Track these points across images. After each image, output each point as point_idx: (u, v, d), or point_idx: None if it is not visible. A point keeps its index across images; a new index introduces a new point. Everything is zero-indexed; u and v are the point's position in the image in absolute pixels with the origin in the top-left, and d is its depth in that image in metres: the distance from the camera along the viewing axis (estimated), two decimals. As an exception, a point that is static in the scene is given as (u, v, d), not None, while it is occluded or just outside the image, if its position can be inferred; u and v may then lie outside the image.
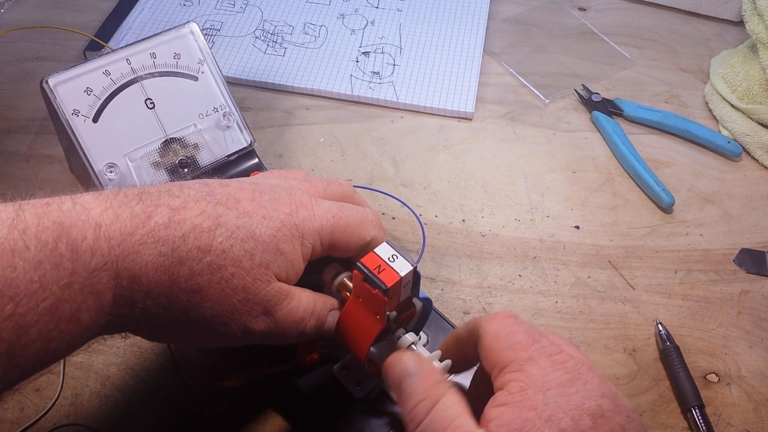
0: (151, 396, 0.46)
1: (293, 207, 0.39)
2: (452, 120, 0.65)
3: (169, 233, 0.35)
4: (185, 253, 0.35)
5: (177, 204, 0.36)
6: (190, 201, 0.36)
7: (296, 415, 0.46)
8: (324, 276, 0.44)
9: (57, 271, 0.31)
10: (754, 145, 0.63)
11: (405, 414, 0.35)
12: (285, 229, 0.38)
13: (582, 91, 0.68)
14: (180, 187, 0.37)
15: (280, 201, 0.39)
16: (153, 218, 0.35)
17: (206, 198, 0.37)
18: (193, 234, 0.35)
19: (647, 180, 0.59)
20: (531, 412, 0.32)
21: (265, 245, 0.37)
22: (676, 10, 0.77)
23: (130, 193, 0.35)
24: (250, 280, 0.36)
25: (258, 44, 0.70)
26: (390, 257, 0.37)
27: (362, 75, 0.68)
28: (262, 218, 0.38)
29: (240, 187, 0.39)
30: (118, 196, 0.35)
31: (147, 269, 0.34)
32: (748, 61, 0.65)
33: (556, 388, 0.32)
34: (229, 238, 0.36)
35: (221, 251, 0.36)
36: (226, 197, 0.37)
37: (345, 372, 0.44)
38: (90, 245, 0.32)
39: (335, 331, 0.41)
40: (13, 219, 0.31)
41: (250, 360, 0.47)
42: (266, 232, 0.37)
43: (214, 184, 0.39)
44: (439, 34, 0.72)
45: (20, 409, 0.45)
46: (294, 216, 0.39)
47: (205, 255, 0.35)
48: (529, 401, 0.32)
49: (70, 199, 0.33)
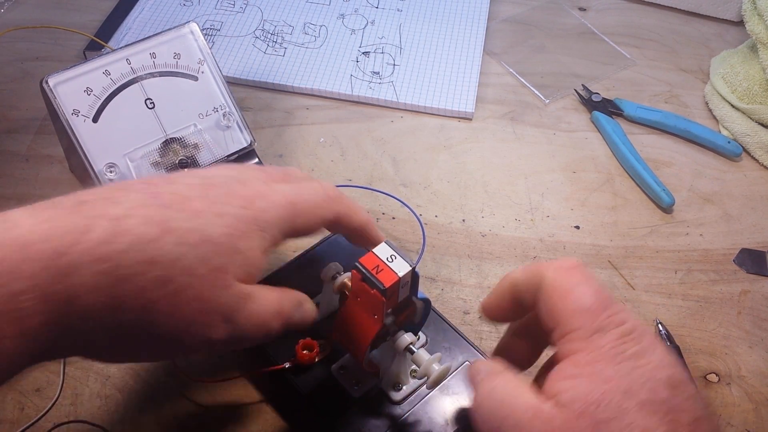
0: (151, 396, 0.46)
1: (248, 198, 0.36)
2: (452, 120, 0.65)
3: (110, 249, 0.31)
4: (129, 269, 0.31)
5: (118, 213, 0.32)
6: (133, 207, 0.33)
7: (294, 414, 0.46)
8: (322, 276, 0.44)
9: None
10: (754, 145, 0.63)
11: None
12: (241, 224, 0.35)
13: (582, 91, 0.68)
14: (123, 189, 0.34)
15: (233, 194, 0.36)
16: (90, 232, 0.31)
17: (151, 201, 0.33)
18: (138, 246, 0.32)
19: (647, 180, 0.59)
20: (606, 384, 0.31)
21: (221, 246, 0.34)
22: (676, 10, 0.77)
23: (66, 203, 0.32)
24: (206, 288, 0.33)
25: (258, 44, 0.70)
26: (389, 257, 0.37)
27: (362, 75, 0.68)
28: (215, 216, 0.34)
29: (189, 184, 0.35)
30: (52, 209, 0.31)
31: (84, 291, 0.31)
32: (748, 61, 0.65)
33: (628, 361, 0.31)
34: (180, 245, 0.33)
35: (170, 261, 0.32)
36: (172, 197, 0.34)
37: (343, 371, 0.45)
38: (12, 267, 0.29)
39: (334, 330, 0.41)
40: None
41: (248, 359, 0.47)
42: (221, 231, 0.34)
43: (159, 182, 0.35)
44: (439, 34, 0.72)
45: (20, 409, 0.45)
46: (250, 208, 0.36)
47: (152, 268, 0.32)
48: (603, 374, 0.31)
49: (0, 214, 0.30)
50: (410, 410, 0.44)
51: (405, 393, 0.44)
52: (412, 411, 0.44)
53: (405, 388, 0.44)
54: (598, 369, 0.31)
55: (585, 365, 0.31)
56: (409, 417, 0.43)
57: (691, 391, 0.32)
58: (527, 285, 0.36)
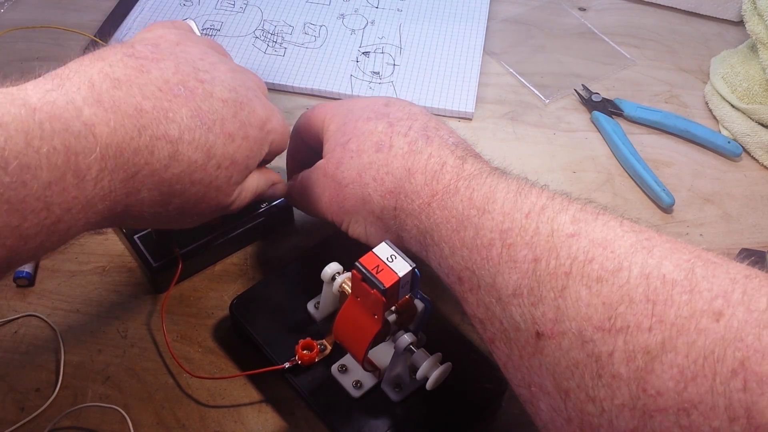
0: (151, 396, 0.46)
1: (263, 120, 0.44)
2: (452, 120, 0.65)
3: (169, 173, 0.38)
4: (180, 188, 0.39)
5: (175, 135, 0.38)
6: (185, 130, 0.39)
7: (294, 414, 0.46)
8: (322, 276, 0.44)
9: (62, 195, 0.33)
10: (754, 145, 0.63)
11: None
12: (256, 146, 0.43)
13: (582, 91, 0.68)
14: (170, 98, 0.39)
15: (255, 112, 0.43)
16: (154, 155, 0.37)
17: (198, 124, 0.39)
18: (189, 171, 0.39)
19: (647, 180, 0.59)
20: (343, 117, 0.47)
21: (240, 167, 0.42)
22: (676, 10, 0.77)
23: (130, 111, 0.37)
24: (223, 197, 0.43)
25: (258, 44, 0.70)
26: (389, 257, 0.37)
27: (362, 75, 0.68)
28: (242, 139, 0.42)
29: (223, 100, 0.41)
30: (122, 116, 0.36)
31: (143, 204, 0.38)
32: (748, 61, 0.65)
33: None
34: (218, 169, 0.41)
35: (209, 182, 0.41)
36: (213, 119, 0.40)
37: (343, 372, 0.45)
38: (94, 177, 0.34)
39: (334, 330, 0.41)
40: (27, 130, 0.32)
41: (248, 359, 0.47)
42: (244, 154, 0.42)
43: (198, 92, 0.40)
44: (439, 34, 0.72)
45: (20, 409, 0.45)
46: (263, 130, 0.44)
47: (196, 186, 0.40)
48: (343, 118, 0.47)
49: (77, 114, 0.34)
50: (410, 410, 0.44)
51: (405, 393, 0.44)
52: (412, 411, 0.44)
53: (405, 388, 0.44)
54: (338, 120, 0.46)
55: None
56: (409, 417, 0.43)
57: (402, 105, 0.46)
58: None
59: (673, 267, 0.31)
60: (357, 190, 0.43)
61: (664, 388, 0.28)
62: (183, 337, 0.48)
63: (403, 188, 0.41)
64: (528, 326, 0.33)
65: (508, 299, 0.34)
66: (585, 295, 0.31)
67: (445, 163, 0.41)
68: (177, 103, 0.39)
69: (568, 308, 0.32)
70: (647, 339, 0.29)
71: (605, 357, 0.30)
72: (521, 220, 0.35)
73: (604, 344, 0.30)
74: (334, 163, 0.45)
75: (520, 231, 0.35)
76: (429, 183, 0.40)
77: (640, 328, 0.29)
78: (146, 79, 0.38)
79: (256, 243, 0.54)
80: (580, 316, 0.31)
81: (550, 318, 0.32)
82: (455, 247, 0.38)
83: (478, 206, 0.37)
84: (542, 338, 0.32)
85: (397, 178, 0.42)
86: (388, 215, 0.42)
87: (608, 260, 0.32)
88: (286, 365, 0.44)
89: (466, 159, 0.41)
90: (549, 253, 0.33)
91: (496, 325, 0.36)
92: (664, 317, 0.29)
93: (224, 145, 0.41)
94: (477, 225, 0.37)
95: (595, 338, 0.30)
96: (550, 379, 0.32)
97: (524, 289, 0.34)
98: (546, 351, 0.32)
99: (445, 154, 0.41)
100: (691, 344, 0.28)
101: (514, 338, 0.34)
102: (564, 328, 0.32)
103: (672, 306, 0.29)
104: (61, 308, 0.50)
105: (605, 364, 0.30)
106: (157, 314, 0.50)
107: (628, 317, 0.30)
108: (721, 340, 0.28)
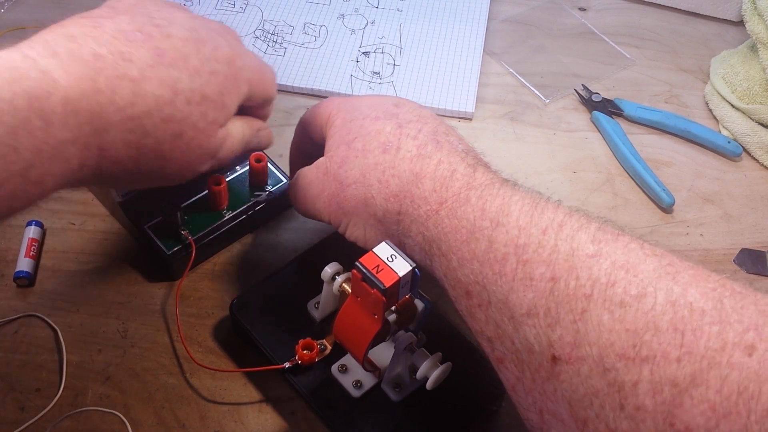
0: (151, 396, 0.46)
1: (230, 57, 0.42)
2: (452, 120, 0.65)
3: (136, 111, 0.37)
4: (151, 126, 0.38)
5: (135, 74, 0.37)
6: (145, 68, 0.38)
7: (294, 414, 0.46)
8: (322, 276, 0.44)
9: (30, 138, 0.33)
10: (754, 145, 0.63)
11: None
12: (228, 82, 0.42)
13: (582, 91, 0.68)
14: (126, 42, 0.38)
15: (220, 48, 0.42)
16: (117, 93, 0.37)
17: (158, 60, 0.38)
18: (156, 107, 0.38)
19: (647, 180, 0.59)
20: (351, 114, 0.46)
21: (215, 104, 0.41)
22: (676, 10, 0.77)
23: (85, 52, 0.36)
24: (204, 137, 0.41)
25: (258, 44, 0.70)
26: (389, 257, 0.37)
27: (362, 75, 0.68)
28: (210, 74, 0.41)
29: (183, 38, 0.40)
30: (78, 62, 0.36)
31: (115, 145, 0.37)
32: (748, 61, 0.65)
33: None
34: (188, 104, 0.39)
35: (181, 119, 0.39)
36: (175, 56, 0.39)
37: (343, 372, 0.45)
38: (60, 119, 0.34)
39: (334, 330, 0.41)
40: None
41: (249, 359, 0.47)
42: (215, 89, 0.41)
43: (156, 35, 0.39)
44: (439, 34, 0.72)
45: (20, 409, 0.45)
46: (232, 65, 0.42)
47: (168, 124, 0.39)
48: (349, 114, 0.46)
49: (34, 65, 0.34)
50: (410, 410, 0.44)
51: (405, 393, 0.44)
52: (412, 411, 0.44)
53: (405, 388, 0.44)
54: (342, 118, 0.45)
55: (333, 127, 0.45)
56: (409, 417, 0.43)
57: (412, 107, 0.45)
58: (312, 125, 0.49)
59: (700, 296, 0.30)
60: (359, 190, 0.42)
61: (694, 424, 0.27)
62: (183, 337, 0.48)
63: (409, 192, 0.40)
64: (543, 349, 0.32)
65: (521, 318, 0.33)
66: (607, 320, 0.30)
67: (455, 171, 0.39)
68: (133, 46, 0.38)
69: (588, 332, 0.30)
70: (676, 370, 0.28)
71: (629, 387, 0.29)
72: (538, 236, 0.34)
73: (627, 373, 0.29)
74: (337, 161, 0.43)
75: (537, 247, 0.34)
76: (438, 189, 0.39)
77: (668, 359, 0.28)
78: (100, 31, 0.38)
79: (257, 243, 0.54)
80: (602, 341, 0.30)
81: (568, 342, 0.31)
82: (465, 259, 0.36)
83: (491, 218, 0.36)
84: (559, 363, 0.31)
85: (404, 181, 0.40)
86: (391, 219, 0.41)
87: (631, 284, 0.31)
88: (286, 365, 0.44)
89: (477, 168, 0.40)
90: (568, 273, 0.32)
91: (506, 344, 0.34)
92: (693, 348, 0.28)
93: (191, 80, 0.40)
94: (490, 238, 0.35)
95: (618, 366, 0.29)
96: (565, 407, 0.31)
97: (540, 309, 0.32)
98: (562, 376, 0.31)
99: (455, 161, 0.40)
100: (723, 379, 0.27)
101: (527, 360, 0.33)
102: (583, 354, 0.30)
103: (702, 337, 0.28)
104: (61, 308, 0.50)
105: (629, 394, 0.29)
106: (157, 314, 0.50)
107: (654, 346, 0.29)
108: (755, 375, 0.27)
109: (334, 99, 0.48)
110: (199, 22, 0.43)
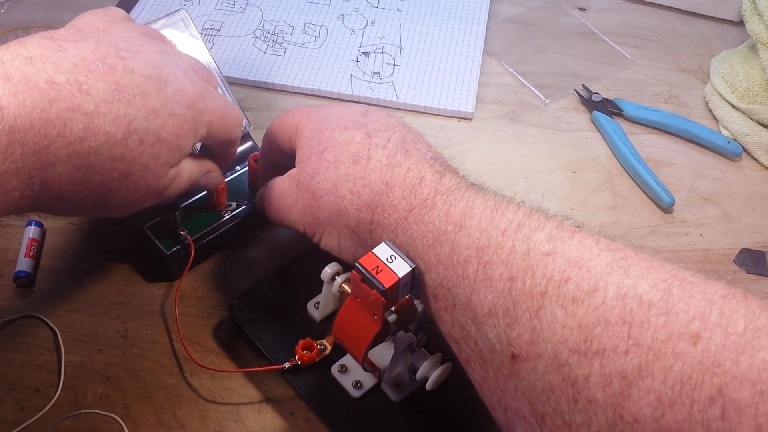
0: (151, 396, 0.46)
1: (193, 98, 0.42)
2: (452, 120, 0.65)
3: (85, 146, 0.37)
4: (99, 164, 0.38)
5: (90, 108, 0.37)
6: (101, 103, 0.37)
7: (294, 414, 0.46)
8: (322, 276, 0.44)
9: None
10: (754, 145, 0.63)
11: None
12: (186, 125, 0.41)
13: (582, 91, 0.68)
14: (86, 72, 0.37)
15: (183, 91, 0.41)
16: (68, 127, 0.36)
17: (117, 97, 0.38)
18: (107, 145, 0.37)
19: (647, 180, 0.59)
20: (318, 125, 0.46)
21: (169, 146, 0.41)
22: (676, 10, 0.77)
23: (39, 79, 0.35)
24: (153, 178, 0.41)
25: (258, 44, 0.70)
26: (389, 258, 0.37)
27: (362, 75, 0.68)
28: (168, 116, 0.40)
29: (146, 76, 0.40)
30: (32, 90, 0.35)
31: (60, 179, 0.37)
32: (748, 61, 0.65)
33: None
34: (140, 145, 0.39)
35: (132, 159, 0.39)
36: (134, 93, 0.39)
37: (343, 372, 0.45)
38: (4, 149, 0.34)
39: (334, 330, 0.41)
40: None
41: (249, 359, 0.47)
42: (171, 132, 0.40)
43: (118, 68, 0.39)
44: (439, 34, 0.72)
45: (20, 409, 0.45)
46: (193, 108, 0.42)
47: (117, 163, 0.38)
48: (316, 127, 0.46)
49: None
50: (410, 410, 0.44)
51: (405, 393, 0.44)
52: (412, 411, 0.44)
53: (405, 388, 0.44)
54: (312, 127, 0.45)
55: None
56: (409, 417, 0.43)
57: (380, 115, 0.44)
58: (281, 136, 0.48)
59: (650, 287, 0.30)
60: (332, 202, 0.42)
61: (641, 415, 0.28)
62: (183, 337, 0.48)
63: (380, 202, 0.40)
64: (503, 348, 0.33)
65: (483, 319, 0.34)
66: (561, 317, 0.31)
67: (423, 178, 0.39)
68: (93, 78, 0.37)
69: (543, 330, 0.31)
70: (624, 363, 0.29)
71: (581, 381, 0.29)
72: (498, 238, 0.35)
73: (580, 368, 0.30)
74: (308, 173, 0.43)
75: (496, 249, 0.34)
76: (407, 197, 0.39)
77: (617, 352, 0.29)
78: (62, 56, 0.37)
79: (257, 242, 0.54)
80: (556, 338, 0.31)
81: (525, 340, 0.32)
82: (431, 263, 0.37)
83: (455, 222, 0.36)
84: (518, 360, 0.32)
85: (375, 191, 0.40)
86: (364, 229, 0.41)
87: (584, 280, 0.31)
88: (286, 365, 0.44)
89: (445, 174, 0.40)
90: (525, 273, 0.33)
91: (471, 345, 0.35)
92: (640, 340, 0.29)
93: (146, 120, 0.39)
94: (453, 241, 0.36)
95: (571, 361, 0.30)
96: (525, 403, 0.32)
97: (500, 309, 0.33)
98: (522, 374, 0.32)
99: (423, 168, 0.40)
100: (668, 369, 0.28)
101: (490, 360, 0.34)
102: (539, 351, 0.31)
103: (648, 328, 0.29)
104: (61, 308, 0.50)
105: (581, 388, 0.29)
106: (157, 315, 0.50)
107: (604, 340, 0.29)
108: (698, 365, 0.27)
109: (301, 108, 0.48)
110: (166, 58, 0.42)
